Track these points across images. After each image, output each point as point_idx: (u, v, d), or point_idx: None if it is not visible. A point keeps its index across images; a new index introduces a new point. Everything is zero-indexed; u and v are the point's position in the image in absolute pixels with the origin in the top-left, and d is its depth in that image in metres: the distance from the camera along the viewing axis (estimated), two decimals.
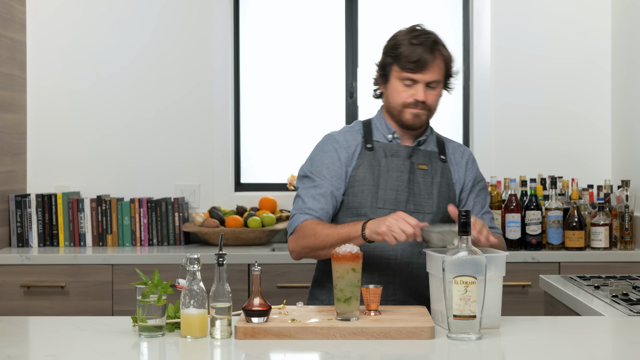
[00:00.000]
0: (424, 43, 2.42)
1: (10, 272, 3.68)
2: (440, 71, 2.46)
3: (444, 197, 2.48)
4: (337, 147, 2.50)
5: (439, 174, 2.50)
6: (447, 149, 2.57)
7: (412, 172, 2.48)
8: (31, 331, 2.18)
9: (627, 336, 2.09)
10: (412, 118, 2.47)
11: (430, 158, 2.52)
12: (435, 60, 2.43)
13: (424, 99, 2.44)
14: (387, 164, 2.47)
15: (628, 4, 4.00)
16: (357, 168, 2.47)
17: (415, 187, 2.46)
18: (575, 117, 4.23)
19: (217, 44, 4.25)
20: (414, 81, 2.44)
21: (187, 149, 4.26)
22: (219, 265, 2.00)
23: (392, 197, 2.44)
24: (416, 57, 2.42)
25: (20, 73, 4.18)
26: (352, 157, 2.49)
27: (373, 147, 2.50)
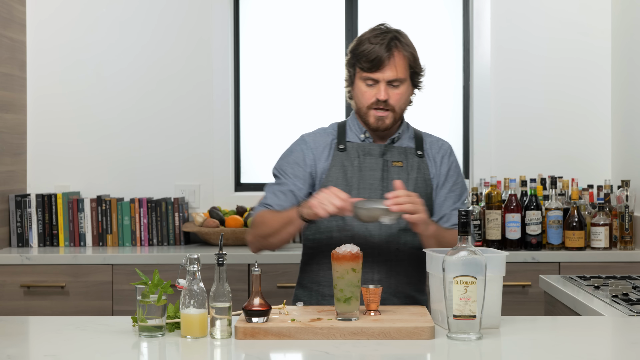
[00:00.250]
0: (382, 41, 2.41)
1: (10, 272, 3.68)
2: (401, 69, 2.42)
3: (421, 193, 2.46)
4: (304, 148, 2.52)
5: (415, 170, 2.49)
6: (424, 144, 2.55)
7: (385, 169, 2.47)
8: (31, 331, 2.18)
9: (627, 336, 2.09)
10: (375, 121, 2.46)
11: (406, 154, 2.51)
12: (393, 58, 2.41)
13: (384, 98, 2.42)
14: (359, 163, 2.47)
15: (628, 4, 4.00)
16: (330, 169, 2.48)
17: (390, 184, 2.45)
18: (575, 117, 4.23)
19: (217, 44, 4.25)
20: (375, 80, 2.43)
21: (187, 149, 4.26)
22: (219, 265, 2.00)
23: (366, 196, 2.44)
24: (373, 56, 2.40)
25: (20, 73, 4.18)
26: (320, 158, 2.50)
27: (345, 147, 2.50)
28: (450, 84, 4.39)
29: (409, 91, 2.49)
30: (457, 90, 4.37)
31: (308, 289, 2.53)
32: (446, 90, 4.39)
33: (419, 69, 2.48)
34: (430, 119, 4.38)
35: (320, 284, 2.49)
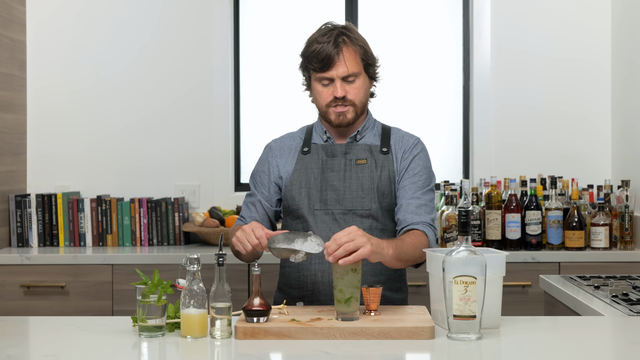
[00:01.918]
0: (329, 39, 2.41)
1: (10, 272, 3.68)
2: (353, 63, 2.42)
3: (385, 190, 2.45)
4: (269, 155, 2.57)
5: (379, 167, 2.48)
6: (391, 140, 2.53)
7: (348, 169, 2.47)
8: (31, 331, 2.18)
9: (627, 336, 2.09)
10: (336, 117, 2.45)
11: (370, 151, 2.50)
12: (342, 54, 2.41)
13: (342, 94, 2.42)
14: (322, 165, 2.48)
15: (628, 4, 4.00)
16: (294, 172, 2.49)
17: (353, 183, 2.45)
18: (575, 117, 4.23)
19: (217, 43, 4.25)
20: (330, 79, 2.43)
21: (187, 148, 4.26)
22: (219, 265, 2.00)
23: (328, 197, 2.44)
24: (323, 55, 2.40)
25: (20, 73, 4.18)
26: (285, 163, 2.53)
27: (310, 150, 2.51)
28: (450, 84, 4.39)
29: (366, 84, 2.48)
30: (457, 90, 4.37)
31: (282, 292, 2.55)
32: (446, 90, 4.39)
33: (371, 60, 2.47)
34: (431, 119, 4.38)
35: (291, 286, 2.50)
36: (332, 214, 2.44)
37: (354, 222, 2.42)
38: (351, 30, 2.46)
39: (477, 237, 3.77)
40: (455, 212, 3.72)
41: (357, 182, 2.45)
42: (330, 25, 2.47)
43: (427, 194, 2.48)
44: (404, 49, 4.40)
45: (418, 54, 4.39)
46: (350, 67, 2.41)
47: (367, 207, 2.43)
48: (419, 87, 4.40)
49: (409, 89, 4.40)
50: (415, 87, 4.40)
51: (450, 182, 3.99)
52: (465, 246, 1.95)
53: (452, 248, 1.99)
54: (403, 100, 4.40)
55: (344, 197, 2.44)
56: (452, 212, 3.74)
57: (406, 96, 4.40)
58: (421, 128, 4.39)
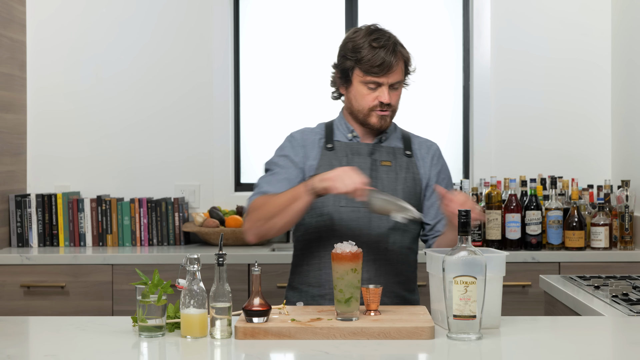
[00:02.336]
0: (386, 45, 2.42)
1: (10, 272, 3.68)
2: (402, 72, 2.48)
3: (410, 193, 2.47)
4: (295, 144, 2.52)
5: (404, 170, 2.49)
6: (412, 144, 2.57)
7: (374, 169, 2.47)
8: (31, 331, 2.18)
9: (627, 336, 2.09)
10: (378, 121, 2.47)
11: (394, 154, 2.51)
12: (398, 62, 2.45)
13: (389, 101, 2.45)
14: (348, 162, 2.47)
15: (628, 4, 4.00)
16: (318, 168, 2.46)
17: (378, 184, 2.45)
18: (575, 117, 4.23)
19: (217, 44, 4.25)
20: (378, 84, 2.45)
21: (187, 148, 4.26)
22: (219, 265, 2.00)
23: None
24: (380, 61, 2.41)
25: (20, 73, 4.18)
26: (309, 155, 2.49)
27: (334, 146, 2.50)
28: (450, 84, 4.39)
29: (402, 92, 2.54)
30: (457, 90, 4.37)
31: (298, 291, 2.52)
32: (446, 90, 4.39)
33: (411, 70, 2.54)
34: (431, 119, 4.38)
35: (310, 285, 2.48)
36: (358, 212, 2.43)
37: (380, 221, 2.42)
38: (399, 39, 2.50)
39: (477, 237, 3.77)
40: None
41: (383, 182, 2.46)
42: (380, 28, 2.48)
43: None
44: None
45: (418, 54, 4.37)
46: (399, 76, 2.47)
47: None
48: (419, 87, 4.39)
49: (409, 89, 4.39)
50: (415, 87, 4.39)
51: None
52: (465, 246, 1.95)
53: (452, 248, 1.99)
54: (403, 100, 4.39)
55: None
56: None
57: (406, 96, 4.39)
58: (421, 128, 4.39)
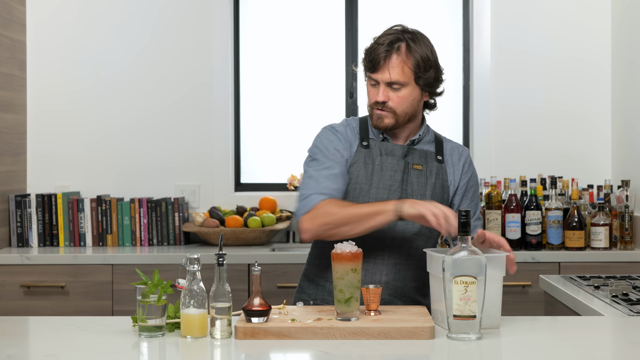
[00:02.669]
0: (383, 42, 2.38)
1: (10, 272, 3.68)
2: (399, 72, 2.37)
3: (438, 199, 2.44)
4: (340, 137, 2.47)
5: (434, 175, 2.46)
6: (444, 150, 2.53)
7: (406, 172, 2.44)
8: (31, 331, 2.18)
9: (627, 336, 2.09)
10: (375, 120, 2.43)
11: (426, 158, 2.48)
12: (389, 61, 2.37)
13: (382, 100, 2.38)
14: (381, 162, 2.44)
15: (628, 4, 4.00)
16: (353, 165, 2.44)
17: (409, 187, 2.43)
18: (575, 117, 4.23)
19: (217, 44, 4.25)
20: (376, 81, 2.40)
21: (187, 148, 4.26)
22: (219, 265, 2.00)
23: (384, 196, 2.41)
24: (372, 56, 2.38)
25: (20, 73, 4.18)
26: (348, 149, 2.46)
27: (369, 144, 2.47)
28: (450, 84, 4.38)
29: (415, 95, 2.42)
30: (457, 90, 4.37)
31: (315, 283, 2.49)
32: (446, 90, 4.36)
33: (425, 73, 2.40)
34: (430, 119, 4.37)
35: (328, 280, 2.45)
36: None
37: (406, 225, 2.40)
38: (415, 39, 2.40)
39: None
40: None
41: (413, 186, 2.43)
42: (398, 27, 2.43)
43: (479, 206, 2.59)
44: None
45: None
46: (394, 75, 2.37)
47: None
48: None
49: None
50: None
51: None
52: (465, 246, 1.95)
53: (452, 248, 1.99)
54: None
55: (400, 199, 2.38)
56: None
57: None
58: None
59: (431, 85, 2.45)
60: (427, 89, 2.45)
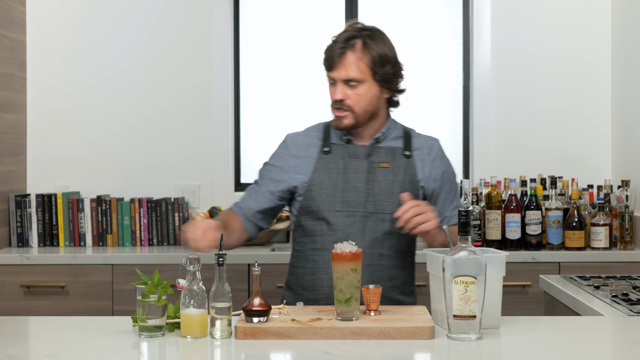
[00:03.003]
0: (338, 40, 2.38)
1: (10, 272, 3.68)
2: (354, 69, 2.37)
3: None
4: (285, 152, 2.52)
5: (401, 172, 2.45)
6: (413, 144, 2.51)
7: (371, 171, 2.43)
8: (31, 331, 2.18)
9: (627, 336, 2.09)
10: (335, 121, 2.44)
11: (393, 155, 2.47)
12: (344, 58, 2.37)
13: (339, 97, 2.39)
14: (344, 165, 2.44)
15: (628, 4, 4.00)
16: (315, 172, 2.45)
17: (375, 186, 2.42)
18: (575, 117, 4.23)
19: (217, 44, 4.25)
20: (334, 79, 2.41)
21: (187, 148, 4.26)
22: (219, 265, 2.00)
23: (350, 199, 2.41)
24: (327, 55, 2.40)
25: (20, 73, 4.18)
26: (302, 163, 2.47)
27: (330, 150, 2.47)
28: (450, 84, 4.39)
29: (374, 92, 2.41)
30: (457, 90, 4.37)
31: (293, 292, 2.52)
32: (446, 90, 4.39)
33: (382, 69, 2.39)
34: (431, 119, 4.38)
35: (305, 288, 2.47)
36: (353, 216, 2.42)
37: (376, 225, 2.41)
38: (372, 36, 2.40)
39: (477, 237, 3.77)
40: None
41: (380, 185, 2.43)
42: (356, 25, 2.43)
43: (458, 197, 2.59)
44: (404, 49, 4.38)
45: (418, 54, 4.39)
46: (350, 72, 2.37)
47: (389, 211, 2.41)
48: (419, 87, 4.40)
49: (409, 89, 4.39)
50: (416, 87, 4.40)
51: None
52: (465, 246, 1.95)
53: (452, 248, 1.99)
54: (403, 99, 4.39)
55: (367, 199, 2.41)
56: None
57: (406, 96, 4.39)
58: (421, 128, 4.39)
59: (389, 82, 2.44)
60: (385, 86, 2.44)
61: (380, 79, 2.41)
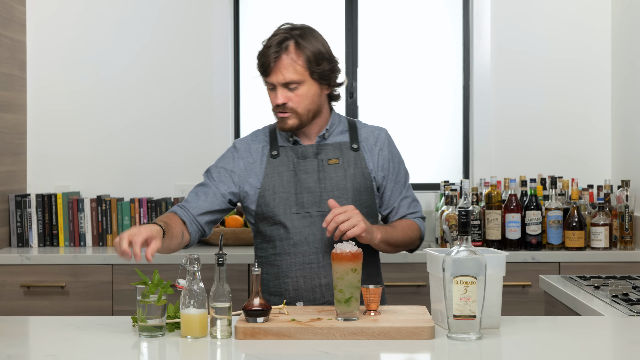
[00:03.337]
0: (271, 44, 2.37)
1: (10, 272, 3.68)
2: (291, 72, 2.35)
3: (361, 189, 2.43)
4: (236, 155, 2.50)
5: (352, 166, 2.44)
6: (359, 136, 2.49)
7: (321, 170, 2.42)
8: (31, 331, 2.18)
9: (627, 336, 2.09)
10: (279, 123, 2.42)
11: (341, 150, 2.45)
12: (279, 62, 2.35)
13: (281, 102, 2.37)
14: (294, 167, 2.43)
15: (628, 4, 4.00)
16: (265, 178, 2.44)
17: (328, 184, 2.41)
18: (575, 117, 4.23)
19: (217, 43, 4.25)
20: (273, 84, 2.39)
21: (187, 148, 4.26)
22: (219, 265, 2.00)
23: (304, 200, 2.41)
24: (262, 61, 2.38)
25: (20, 73, 4.18)
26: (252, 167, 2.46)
27: (278, 153, 2.46)
28: (450, 84, 4.39)
29: (314, 90, 2.39)
30: (457, 90, 4.37)
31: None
32: (446, 90, 4.39)
33: (318, 67, 2.37)
34: (431, 119, 4.38)
35: (271, 293, 2.46)
36: (310, 217, 2.41)
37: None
38: (303, 35, 2.38)
39: (477, 237, 3.77)
40: (455, 212, 3.73)
41: (332, 182, 2.41)
42: (285, 27, 2.41)
43: (410, 188, 2.55)
44: (404, 49, 4.40)
45: (418, 54, 4.39)
46: (287, 75, 2.35)
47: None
48: (419, 87, 4.40)
49: (409, 89, 4.40)
50: (416, 87, 4.40)
51: (450, 182, 4.00)
52: (465, 246, 1.95)
53: (452, 248, 1.99)
54: (403, 100, 4.40)
55: (321, 198, 2.40)
56: (452, 212, 3.74)
57: (406, 96, 4.40)
58: (421, 128, 4.40)
59: (328, 78, 2.42)
60: (324, 82, 2.42)
61: (319, 77, 2.39)
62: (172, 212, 2.43)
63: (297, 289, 2.41)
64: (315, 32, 2.44)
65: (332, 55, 2.42)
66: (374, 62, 4.39)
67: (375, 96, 4.39)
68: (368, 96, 4.39)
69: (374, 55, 4.40)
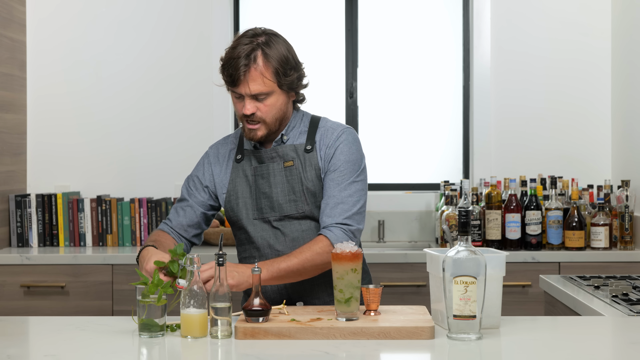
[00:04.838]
0: (238, 56, 2.30)
1: (10, 272, 3.68)
2: (259, 84, 2.30)
3: (316, 189, 2.38)
4: (205, 162, 2.49)
5: (307, 167, 2.40)
6: (315, 135, 2.43)
7: (277, 173, 2.40)
8: (31, 331, 2.18)
9: (627, 336, 2.09)
10: (247, 133, 2.37)
11: (296, 152, 2.41)
12: (250, 73, 2.29)
13: (249, 112, 2.32)
14: (254, 172, 2.42)
15: (628, 4, 4.00)
16: (230, 183, 2.44)
17: (283, 188, 2.39)
18: (575, 117, 4.23)
19: (217, 43, 4.25)
20: (240, 95, 2.34)
21: (187, 148, 4.26)
22: (219, 265, 2.00)
23: (262, 205, 2.40)
24: (229, 73, 2.31)
25: (20, 73, 4.19)
26: (219, 172, 2.46)
27: (242, 157, 2.45)
28: (450, 84, 4.39)
29: (282, 99, 2.36)
30: (457, 90, 4.37)
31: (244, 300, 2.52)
32: (446, 90, 4.39)
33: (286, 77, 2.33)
34: (430, 119, 4.38)
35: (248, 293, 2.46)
36: (269, 222, 2.40)
37: (292, 226, 2.38)
38: (269, 43, 2.34)
39: (477, 237, 3.77)
40: (455, 212, 3.73)
41: (287, 185, 2.39)
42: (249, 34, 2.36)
43: (347, 188, 2.36)
44: (404, 49, 4.40)
45: (418, 54, 4.39)
46: (255, 87, 2.30)
47: (301, 210, 2.38)
48: (419, 87, 4.40)
49: (409, 89, 4.40)
50: (416, 87, 4.40)
51: (450, 182, 4.00)
52: (465, 246, 1.95)
53: (452, 248, 1.99)
54: (403, 100, 4.40)
55: (277, 203, 2.38)
56: (452, 212, 3.74)
57: (406, 96, 4.41)
58: (421, 128, 4.40)
59: (296, 86, 2.39)
60: (292, 91, 2.39)
61: (287, 87, 2.36)
62: (159, 229, 2.47)
63: (271, 290, 2.41)
64: (280, 37, 2.40)
65: (297, 61, 2.39)
66: (374, 62, 4.39)
67: (375, 96, 4.39)
68: (368, 96, 4.39)
69: (374, 55, 4.40)
